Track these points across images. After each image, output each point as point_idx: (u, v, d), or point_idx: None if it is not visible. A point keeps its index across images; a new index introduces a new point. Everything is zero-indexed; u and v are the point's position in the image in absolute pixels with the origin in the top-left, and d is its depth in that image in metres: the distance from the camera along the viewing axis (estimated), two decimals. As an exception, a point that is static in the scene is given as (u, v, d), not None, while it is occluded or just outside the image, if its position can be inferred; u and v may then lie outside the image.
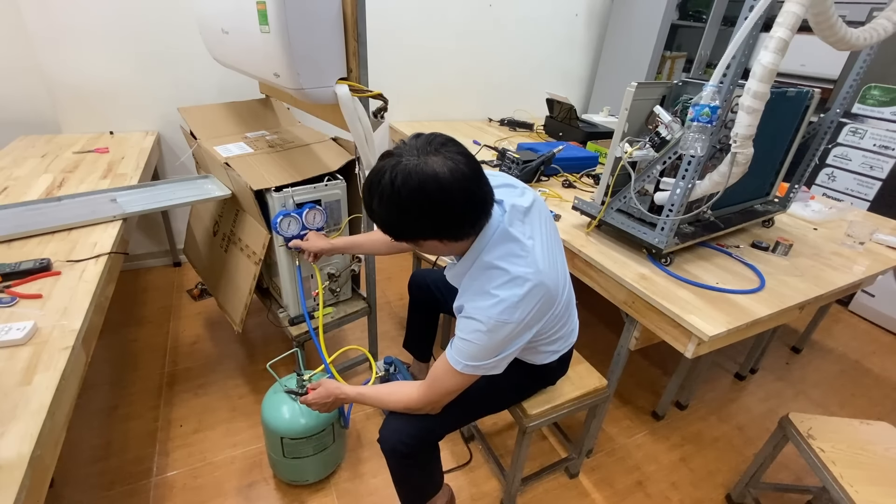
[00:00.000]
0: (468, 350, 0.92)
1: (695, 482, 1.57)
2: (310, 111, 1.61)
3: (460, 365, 0.93)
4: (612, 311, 1.37)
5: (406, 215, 0.82)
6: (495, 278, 0.88)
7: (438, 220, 0.83)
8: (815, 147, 1.59)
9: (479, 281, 0.91)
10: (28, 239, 1.17)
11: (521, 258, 0.89)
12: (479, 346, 0.91)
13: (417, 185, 0.78)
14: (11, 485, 0.63)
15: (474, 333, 0.90)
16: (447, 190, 0.79)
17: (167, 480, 1.43)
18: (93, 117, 2.12)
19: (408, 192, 0.78)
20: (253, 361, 1.92)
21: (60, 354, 0.84)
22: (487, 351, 0.91)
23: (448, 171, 0.78)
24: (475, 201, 0.84)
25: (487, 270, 0.90)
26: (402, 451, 1.06)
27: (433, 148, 0.80)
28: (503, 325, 0.88)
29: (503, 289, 0.88)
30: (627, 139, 1.32)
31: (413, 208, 0.80)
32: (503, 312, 0.87)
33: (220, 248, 1.75)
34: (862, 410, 1.95)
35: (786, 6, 0.98)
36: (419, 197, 0.79)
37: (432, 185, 0.78)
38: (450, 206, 0.81)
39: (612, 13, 3.07)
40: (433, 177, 0.78)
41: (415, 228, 0.85)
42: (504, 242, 0.91)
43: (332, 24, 1.18)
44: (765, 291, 1.26)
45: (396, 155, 0.81)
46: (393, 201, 0.80)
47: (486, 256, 0.91)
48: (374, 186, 0.81)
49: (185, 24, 2.07)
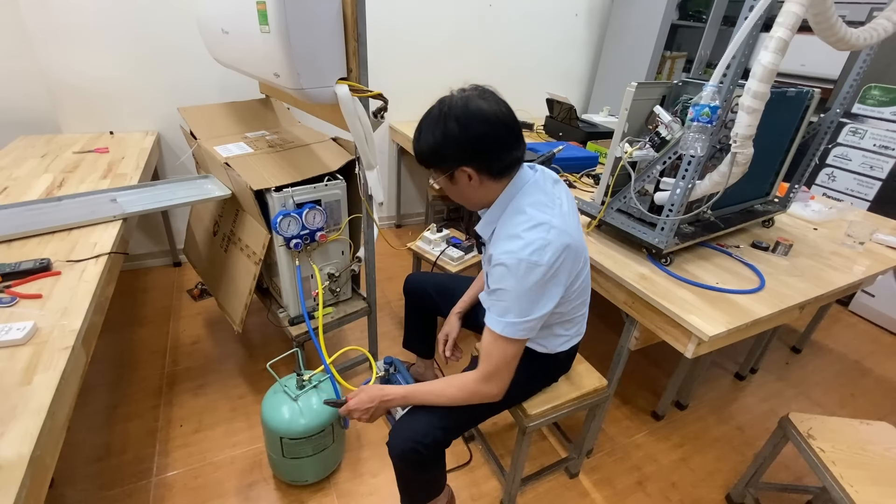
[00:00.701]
0: (507, 306, 0.93)
1: (695, 482, 1.57)
2: (310, 111, 1.61)
3: (500, 325, 0.95)
4: (612, 311, 1.37)
5: (449, 138, 0.92)
6: (523, 222, 0.94)
7: (478, 146, 0.92)
8: (815, 147, 1.59)
9: (508, 226, 0.96)
10: (28, 239, 1.17)
11: (549, 208, 0.96)
12: (512, 295, 0.92)
13: (462, 112, 0.90)
14: (11, 485, 0.63)
15: (505, 280, 0.92)
16: (489, 121, 0.91)
17: (167, 480, 1.43)
18: (93, 117, 2.12)
19: (454, 118, 0.90)
20: (253, 361, 1.92)
21: (60, 354, 0.84)
22: (521, 300, 0.92)
23: (490, 109, 0.91)
24: (511, 139, 0.95)
25: (518, 215, 0.96)
26: (413, 459, 1.05)
27: (478, 93, 0.94)
28: (533, 266, 0.90)
29: (531, 232, 0.92)
30: (627, 139, 1.32)
31: (457, 132, 0.91)
32: (532, 253, 0.90)
33: (220, 248, 1.75)
34: (862, 410, 1.95)
35: (786, 6, 0.98)
36: (464, 122, 0.90)
37: (476, 114, 0.91)
38: (489, 136, 0.92)
39: (611, 13, 3.07)
40: (478, 109, 0.91)
41: (455, 153, 0.93)
42: (535, 193, 0.98)
43: (332, 24, 1.17)
44: (765, 291, 1.26)
45: (445, 98, 0.94)
46: (439, 125, 0.92)
47: (519, 201, 0.98)
48: (424, 119, 0.95)
49: (185, 24, 2.07)
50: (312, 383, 1.35)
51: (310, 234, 1.45)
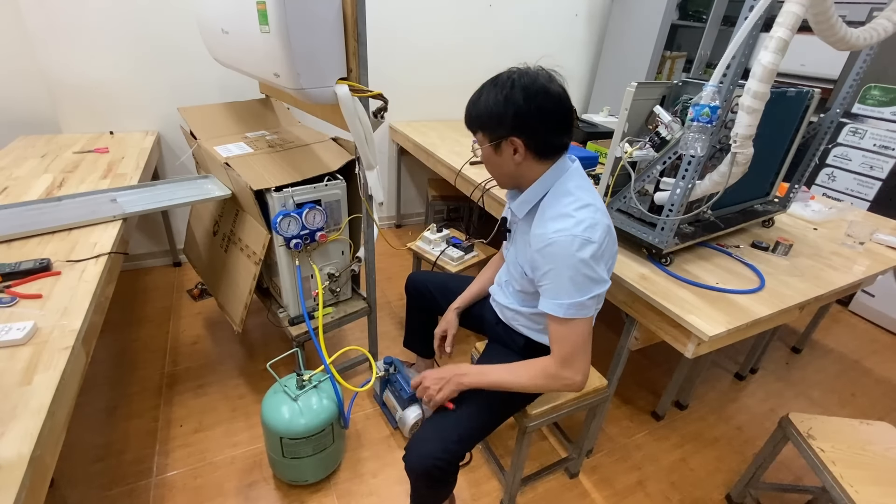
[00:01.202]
0: (556, 286, 0.95)
1: (695, 482, 1.57)
2: (310, 111, 1.61)
3: (561, 308, 0.95)
4: (612, 311, 1.37)
5: (511, 104, 0.93)
6: (572, 202, 0.96)
7: (536, 121, 0.95)
8: (815, 147, 1.59)
9: (557, 206, 0.98)
10: (28, 239, 1.17)
11: (592, 192, 1.00)
12: (566, 274, 0.93)
13: (531, 83, 0.94)
14: (11, 485, 0.63)
15: (557, 259, 0.93)
16: (552, 100, 0.94)
17: (167, 480, 1.43)
18: (93, 117, 2.12)
19: (522, 87, 0.93)
20: (253, 361, 1.92)
21: (60, 354, 0.84)
22: (576, 277, 0.93)
23: (554, 90, 0.95)
24: (566, 123, 0.98)
25: (565, 196, 0.98)
26: (433, 476, 1.04)
27: (546, 73, 0.97)
28: (587, 243, 0.92)
29: (581, 211, 0.95)
30: (627, 139, 1.32)
31: (521, 101, 0.93)
32: (585, 230, 0.92)
33: (220, 248, 1.75)
34: (862, 410, 1.95)
35: (786, 6, 0.98)
36: (531, 93, 0.93)
37: (543, 90, 0.94)
38: (550, 113, 0.95)
39: (611, 13, 3.07)
40: (545, 87, 0.94)
41: (512, 121, 0.95)
42: (578, 178, 1.02)
43: (332, 24, 1.17)
44: (765, 291, 1.26)
45: (514, 70, 0.97)
46: (504, 90, 0.94)
47: (565, 183, 1.00)
48: (489, 82, 0.98)
49: (185, 24, 2.07)
50: (312, 383, 1.35)
51: (310, 234, 1.45)
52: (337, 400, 1.36)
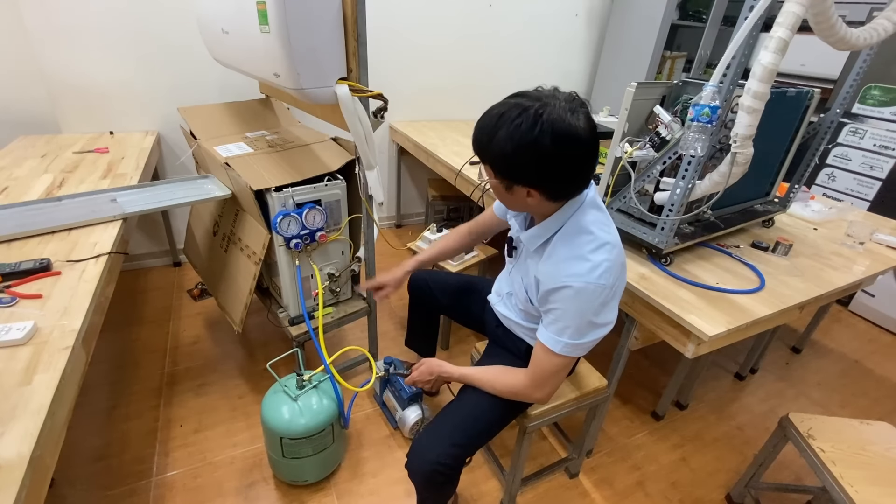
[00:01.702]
0: (567, 325, 0.92)
1: (695, 482, 1.57)
2: (310, 111, 1.61)
3: (558, 345, 0.94)
4: (612, 311, 1.37)
5: (532, 153, 0.82)
6: (589, 242, 0.91)
7: (558, 170, 0.85)
8: (815, 147, 1.59)
9: (568, 246, 0.93)
10: (28, 239, 1.17)
11: (607, 226, 0.94)
12: (575, 317, 0.91)
13: (558, 132, 0.79)
14: (11, 485, 0.63)
15: (573, 302, 0.90)
16: (580, 148, 0.83)
17: (167, 480, 1.43)
18: (93, 117, 2.12)
19: (546, 136, 0.79)
20: (253, 361, 1.92)
21: (60, 354, 0.84)
22: (584, 321, 0.91)
23: (585, 133, 0.82)
24: (591, 167, 0.88)
25: (581, 234, 0.92)
26: (436, 481, 1.04)
27: (576, 105, 0.82)
28: (601, 289, 0.89)
29: (597, 253, 0.90)
30: (627, 139, 1.32)
31: (543, 150, 0.81)
32: (601, 276, 0.88)
33: (220, 248, 1.75)
34: (862, 410, 1.95)
35: (786, 6, 0.98)
36: (554, 143, 0.80)
37: (571, 138, 0.80)
38: (575, 162, 0.84)
39: (612, 13, 3.07)
40: (575, 131, 0.80)
41: (529, 175, 0.86)
42: (594, 210, 0.95)
43: (332, 24, 1.17)
44: (765, 291, 1.26)
45: (535, 98, 0.82)
46: (525, 137, 0.80)
47: (581, 219, 0.93)
48: (507, 121, 0.82)
49: (186, 24, 2.07)
50: (312, 383, 1.35)
51: (310, 234, 1.45)
52: (337, 400, 1.36)
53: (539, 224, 0.98)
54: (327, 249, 1.57)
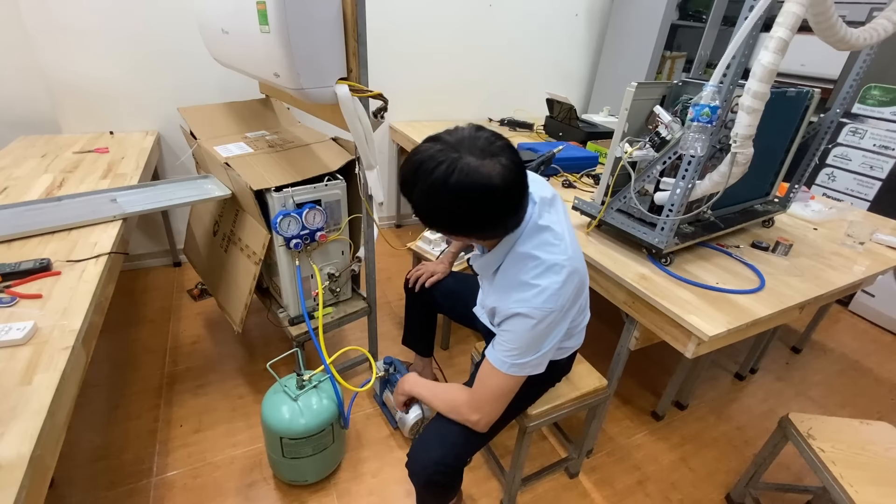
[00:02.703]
0: (514, 348, 0.91)
1: (695, 482, 1.57)
2: (310, 111, 1.61)
3: (506, 365, 0.92)
4: (612, 311, 1.37)
5: (446, 210, 0.82)
6: (532, 268, 0.89)
7: (477, 222, 0.84)
8: (815, 147, 1.59)
9: (514, 273, 0.92)
10: (28, 239, 1.17)
11: (554, 246, 0.91)
12: (525, 341, 0.90)
13: (471, 186, 0.77)
14: (11, 485, 0.63)
15: (520, 328, 0.90)
16: (497, 199, 0.79)
17: (167, 480, 1.43)
18: (93, 117, 2.12)
19: (460, 191, 0.77)
20: (253, 361, 1.92)
21: (60, 354, 0.84)
22: (532, 344, 0.91)
23: (502, 181, 0.78)
24: (517, 209, 0.86)
25: (523, 261, 0.91)
26: (440, 483, 1.04)
27: (491, 152, 0.79)
28: (549, 313, 0.88)
29: (543, 277, 0.88)
30: (627, 139, 1.32)
31: (459, 207, 0.80)
32: (547, 301, 0.87)
33: (220, 248, 1.75)
34: (862, 410, 1.95)
35: (786, 6, 0.98)
36: (467, 198, 0.78)
37: (484, 191, 0.78)
38: (492, 212, 0.82)
39: (612, 13, 3.07)
40: (487, 184, 0.77)
41: (450, 223, 0.85)
42: (538, 233, 0.92)
43: (332, 24, 1.17)
44: (765, 291, 1.26)
45: (450, 147, 0.79)
46: (439, 194, 0.78)
47: (520, 248, 0.92)
48: (424, 174, 0.79)
49: (185, 24, 2.07)
50: (312, 383, 1.35)
51: (310, 234, 1.45)
52: (337, 400, 1.36)
53: (489, 252, 0.97)
54: (327, 249, 1.57)
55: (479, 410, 0.99)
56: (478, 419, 1.00)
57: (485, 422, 1.01)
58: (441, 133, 0.83)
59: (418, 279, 1.52)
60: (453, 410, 1.04)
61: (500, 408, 1.00)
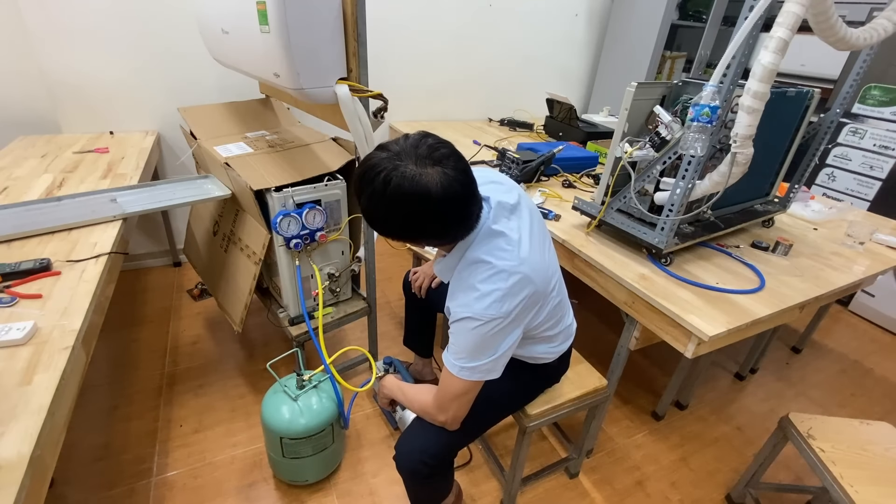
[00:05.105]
0: (461, 350, 0.92)
1: (695, 482, 1.57)
2: (310, 111, 1.61)
3: (455, 368, 0.93)
4: (612, 311, 1.37)
5: (390, 219, 0.83)
6: (480, 272, 0.88)
7: (422, 230, 0.85)
8: (815, 147, 1.59)
9: (464, 277, 0.91)
10: (28, 239, 1.17)
11: (506, 252, 0.89)
12: (470, 345, 0.90)
13: (408, 195, 0.77)
14: (11, 485, 0.63)
15: (464, 331, 0.90)
16: (436, 207, 0.79)
17: (167, 480, 1.43)
18: (93, 117, 2.12)
19: (398, 200, 0.78)
20: (253, 361, 1.92)
21: (60, 354, 0.84)
22: (479, 350, 0.91)
23: (441, 189, 0.77)
24: (461, 218, 0.85)
25: (473, 265, 0.90)
26: (422, 472, 1.04)
27: (433, 160, 0.78)
28: (491, 319, 0.87)
29: (488, 283, 0.87)
30: (627, 139, 1.32)
31: (398, 215, 0.81)
32: (490, 307, 0.87)
33: (220, 248, 1.75)
34: (862, 410, 1.95)
35: (786, 6, 0.98)
36: (407, 207, 0.79)
37: (423, 199, 0.77)
38: (436, 221, 0.82)
39: (612, 13, 3.07)
40: (425, 193, 0.77)
41: (397, 231, 0.86)
42: (490, 238, 0.91)
43: (332, 24, 1.17)
44: (765, 291, 1.26)
45: (395, 155, 0.79)
46: (381, 202, 0.79)
47: (470, 253, 0.91)
48: (366, 183, 0.79)
49: (185, 24, 2.07)
50: (312, 383, 1.35)
51: (310, 234, 1.45)
52: (337, 400, 1.36)
53: (447, 256, 0.97)
54: (327, 249, 1.57)
55: (444, 411, 1.00)
56: (445, 419, 1.01)
57: (452, 421, 1.01)
58: (390, 141, 0.82)
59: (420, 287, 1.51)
60: (423, 411, 1.06)
61: (464, 407, 0.99)
